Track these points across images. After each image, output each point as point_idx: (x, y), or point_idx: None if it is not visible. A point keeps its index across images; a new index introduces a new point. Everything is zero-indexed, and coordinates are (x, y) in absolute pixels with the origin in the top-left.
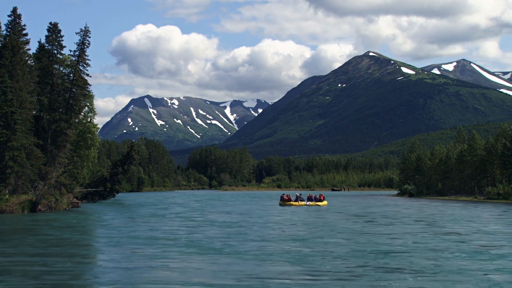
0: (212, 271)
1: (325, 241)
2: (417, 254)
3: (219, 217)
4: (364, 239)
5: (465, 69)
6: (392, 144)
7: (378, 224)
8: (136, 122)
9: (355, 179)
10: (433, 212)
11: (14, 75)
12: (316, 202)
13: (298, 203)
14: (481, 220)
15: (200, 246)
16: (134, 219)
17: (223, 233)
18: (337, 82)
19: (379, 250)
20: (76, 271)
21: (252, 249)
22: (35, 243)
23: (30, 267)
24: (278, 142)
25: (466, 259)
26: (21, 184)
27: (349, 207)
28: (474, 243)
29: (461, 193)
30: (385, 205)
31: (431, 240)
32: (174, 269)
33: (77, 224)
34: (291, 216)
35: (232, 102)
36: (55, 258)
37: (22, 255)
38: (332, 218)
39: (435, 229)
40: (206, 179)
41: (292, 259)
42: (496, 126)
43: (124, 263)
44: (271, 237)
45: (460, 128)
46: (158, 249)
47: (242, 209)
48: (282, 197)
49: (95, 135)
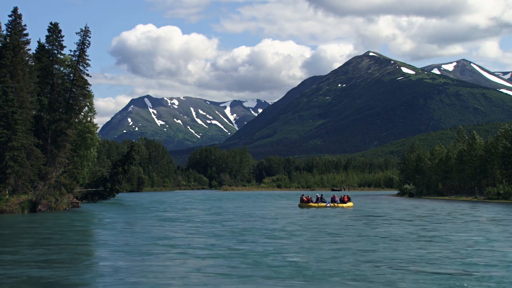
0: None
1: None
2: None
3: (247, 223)
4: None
5: (465, 69)
6: (392, 144)
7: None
8: (136, 122)
9: (355, 179)
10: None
11: (14, 75)
12: (339, 204)
13: (318, 204)
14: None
15: (272, 266)
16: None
17: (279, 245)
18: (337, 82)
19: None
20: (75, 275)
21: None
22: (32, 244)
23: (27, 269)
24: (278, 142)
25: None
26: (21, 184)
27: (384, 209)
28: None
29: (461, 193)
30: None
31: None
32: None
33: (77, 224)
34: (336, 222)
35: (232, 102)
36: (53, 262)
37: (19, 256)
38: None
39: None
40: (206, 179)
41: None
42: (496, 126)
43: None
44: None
45: (460, 128)
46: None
47: (260, 212)
48: (302, 198)
49: (95, 135)
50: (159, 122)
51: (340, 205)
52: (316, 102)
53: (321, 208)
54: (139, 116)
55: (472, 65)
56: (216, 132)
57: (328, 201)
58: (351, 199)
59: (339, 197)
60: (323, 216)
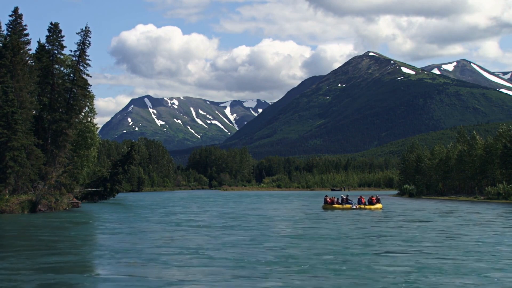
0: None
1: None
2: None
3: (271, 232)
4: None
5: (465, 69)
6: (392, 144)
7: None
8: (136, 122)
9: (355, 179)
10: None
11: (14, 75)
12: (366, 205)
13: (344, 206)
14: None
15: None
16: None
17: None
18: (337, 82)
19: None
20: (75, 277)
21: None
22: (31, 245)
23: (25, 271)
24: (278, 142)
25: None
26: (21, 184)
27: (423, 213)
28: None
29: (461, 193)
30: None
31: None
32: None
33: (77, 224)
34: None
35: (232, 102)
36: (53, 263)
37: (18, 257)
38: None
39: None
40: (206, 179)
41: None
42: (496, 126)
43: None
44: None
45: (461, 128)
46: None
47: (283, 214)
48: (326, 199)
49: (95, 135)
50: (159, 122)
51: (368, 207)
52: (316, 102)
53: (347, 209)
54: (139, 116)
55: (472, 65)
56: (216, 132)
57: (355, 202)
58: (380, 200)
59: (366, 198)
60: (367, 220)
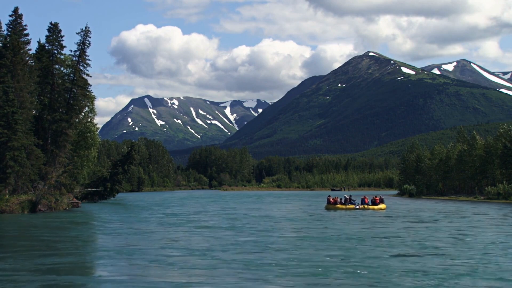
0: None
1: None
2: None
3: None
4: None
5: (465, 69)
6: (392, 144)
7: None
8: (136, 122)
9: (355, 179)
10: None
11: (15, 75)
12: (369, 205)
13: (347, 206)
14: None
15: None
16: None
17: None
18: (337, 82)
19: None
20: (74, 278)
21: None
22: (31, 245)
23: (25, 272)
24: (278, 142)
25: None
26: (21, 184)
27: (428, 213)
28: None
29: (461, 193)
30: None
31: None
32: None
33: (77, 225)
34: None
35: (232, 102)
36: (52, 264)
37: (17, 259)
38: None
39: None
40: (206, 179)
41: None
42: (496, 126)
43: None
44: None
45: (461, 128)
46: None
47: (280, 213)
48: (328, 199)
49: (95, 135)
50: (159, 122)
51: (371, 207)
52: (316, 102)
53: (350, 210)
54: (139, 116)
55: (472, 65)
56: (216, 132)
57: (358, 202)
58: (383, 200)
59: (370, 198)
60: (372, 221)
